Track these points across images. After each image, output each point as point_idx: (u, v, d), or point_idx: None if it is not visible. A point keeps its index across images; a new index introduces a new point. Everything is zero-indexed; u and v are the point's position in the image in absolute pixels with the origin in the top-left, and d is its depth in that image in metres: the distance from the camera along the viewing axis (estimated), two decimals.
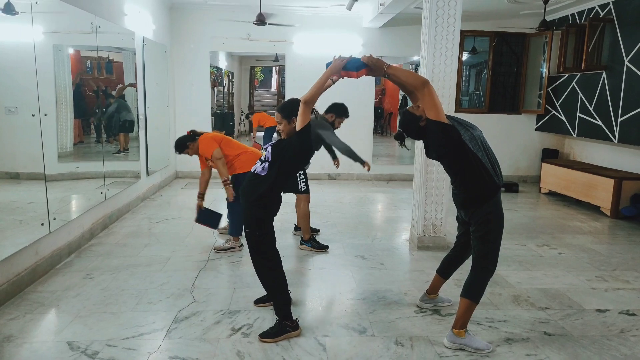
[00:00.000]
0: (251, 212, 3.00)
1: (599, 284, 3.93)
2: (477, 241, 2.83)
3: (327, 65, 3.05)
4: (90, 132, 5.41)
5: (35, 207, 3.96)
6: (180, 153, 4.50)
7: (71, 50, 4.98)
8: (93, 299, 3.49)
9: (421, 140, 2.90)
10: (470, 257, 2.96)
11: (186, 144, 4.46)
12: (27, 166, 3.99)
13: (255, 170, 3.01)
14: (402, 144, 2.86)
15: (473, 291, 2.82)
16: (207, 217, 4.69)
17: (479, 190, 2.75)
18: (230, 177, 4.44)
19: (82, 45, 5.03)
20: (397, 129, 2.91)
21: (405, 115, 2.82)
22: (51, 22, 4.33)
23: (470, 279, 2.84)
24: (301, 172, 4.60)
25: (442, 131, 2.67)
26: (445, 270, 3.31)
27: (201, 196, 4.58)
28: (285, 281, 3.05)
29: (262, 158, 3.02)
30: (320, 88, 2.88)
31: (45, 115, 3.97)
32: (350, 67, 2.95)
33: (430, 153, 2.90)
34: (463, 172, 2.75)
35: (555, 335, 3.05)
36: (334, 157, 4.98)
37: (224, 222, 4.93)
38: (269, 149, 2.99)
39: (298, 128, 2.86)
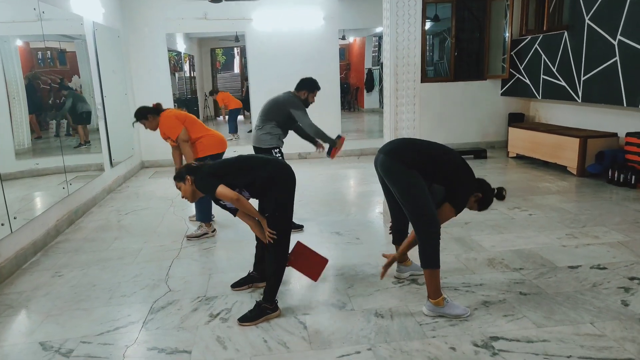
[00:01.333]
0: (266, 196, 2.91)
1: (570, 242, 4.01)
2: (407, 209, 2.86)
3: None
4: (48, 127, 5.18)
5: (1, 208, 3.79)
6: (137, 121, 4.35)
7: (20, 42, 4.73)
8: (64, 296, 3.37)
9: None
10: None
11: (146, 115, 4.32)
12: None
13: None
14: None
15: (426, 259, 2.83)
16: None
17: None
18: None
19: (27, 35, 4.77)
20: None
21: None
22: None
23: (420, 248, 2.86)
24: (277, 150, 4.46)
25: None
26: (398, 239, 3.33)
27: None
28: (285, 265, 2.99)
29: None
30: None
31: None
32: None
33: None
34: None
35: (530, 294, 3.10)
36: (314, 142, 4.75)
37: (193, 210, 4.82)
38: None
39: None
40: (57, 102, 5.49)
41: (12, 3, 4.37)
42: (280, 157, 4.47)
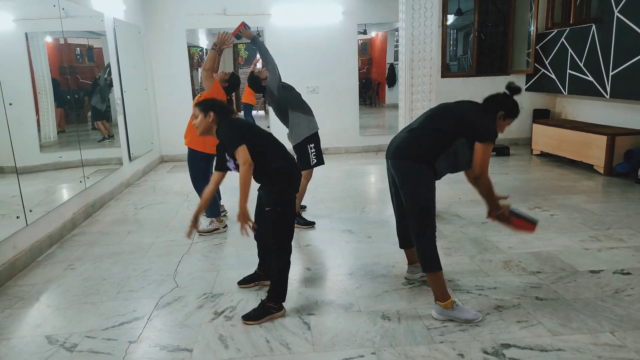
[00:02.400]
0: (267, 190, 2.86)
1: (593, 244, 3.84)
2: (407, 207, 2.76)
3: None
4: (73, 121, 5.24)
5: (19, 201, 3.85)
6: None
7: (49, 39, 4.81)
8: (74, 290, 3.39)
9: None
10: None
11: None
12: (10, 160, 3.85)
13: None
14: None
15: (425, 263, 2.74)
16: None
17: (426, 150, 2.76)
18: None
19: (51, 31, 4.82)
20: None
21: None
22: (11, 8, 4.14)
23: (418, 253, 2.76)
24: (312, 145, 4.39)
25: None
26: (404, 242, 3.23)
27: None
28: (289, 264, 2.93)
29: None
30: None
31: (10, 104, 3.79)
32: None
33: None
34: (436, 134, 2.79)
35: (547, 299, 2.97)
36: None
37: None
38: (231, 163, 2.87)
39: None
40: (83, 96, 5.56)
41: (36, 0, 4.44)
42: (315, 152, 4.41)
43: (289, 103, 4.36)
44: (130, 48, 6.90)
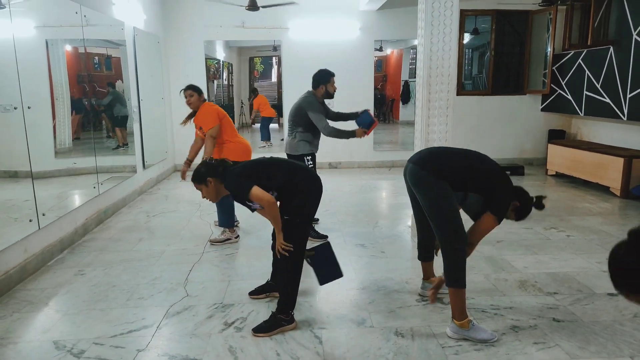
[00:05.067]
0: (291, 201, 2.84)
1: None
2: (433, 221, 2.72)
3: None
4: (89, 128, 5.28)
5: (31, 205, 3.87)
6: (184, 91, 4.48)
7: (69, 48, 4.88)
8: (83, 295, 3.37)
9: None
10: None
11: (198, 91, 4.45)
12: (24, 165, 3.88)
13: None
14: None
15: (452, 277, 2.68)
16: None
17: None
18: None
19: (73, 38, 4.89)
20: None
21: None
22: (38, 14, 4.21)
23: (445, 265, 2.71)
24: (309, 157, 4.39)
25: None
26: (424, 254, 3.18)
27: (188, 162, 4.53)
28: (300, 275, 2.89)
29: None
30: None
31: (29, 108, 3.83)
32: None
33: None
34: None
35: (564, 321, 2.89)
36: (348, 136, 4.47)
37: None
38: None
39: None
40: (100, 104, 5.62)
41: (58, 7, 4.50)
42: (312, 165, 4.41)
43: (307, 123, 4.33)
44: (149, 57, 6.97)
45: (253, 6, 6.45)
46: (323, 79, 4.36)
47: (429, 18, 4.28)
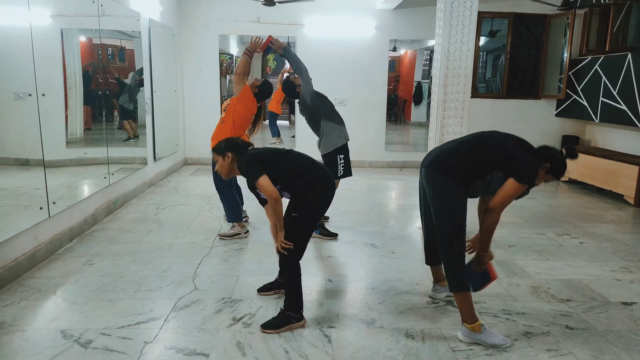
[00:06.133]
0: (300, 199, 2.81)
1: (624, 275, 3.69)
2: (435, 220, 2.69)
3: None
4: (100, 120, 5.28)
5: (42, 193, 3.87)
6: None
7: (82, 38, 4.87)
8: (91, 285, 3.36)
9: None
10: None
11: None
12: (36, 152, 3.88)
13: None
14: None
15: (455, 282, 2.65)
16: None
17: (459, 168, 2.69)
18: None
19: (88, 28, 4.89)
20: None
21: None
22: (54, 2, 4.20)
23: (446, 271, 2.68)
24: (342, 155, 4.38)
25: None
26: (431, 259, 3.13)
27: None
28: (300, 272, 2.87)
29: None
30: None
31: (43, 95, 3.82)
32: None
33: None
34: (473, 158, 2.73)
35: (577, 329, 2.84)
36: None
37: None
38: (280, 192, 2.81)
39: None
40: (112, 96, 5.62)
41: None
42: (343, 163, 4.40)
43: (322, 112, 4.34)
44: (163, 49, 6.97)
45: (270, 1, 6.41)
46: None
47: (447, 18, 4.23)
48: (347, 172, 4.46)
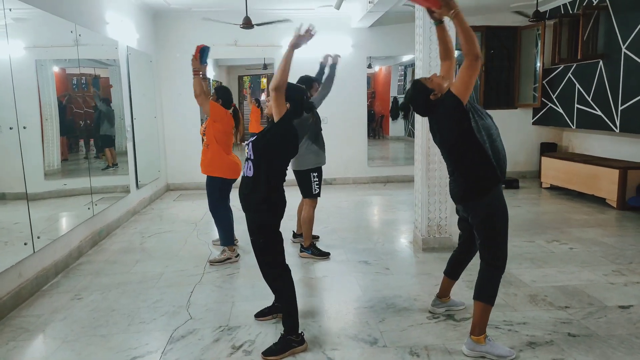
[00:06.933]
0: (253, 217, 2.78)
1: (617, 279, 3.73)
2: (481, 238, 2.64)
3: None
4: (78, 150, 5.17)
5: (22, 228, 3.73)
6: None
7: (56, 69, 4.78)
8: (81, 321, 3.24)
9: (424, 126, 2.71)
10: (478, 254, 2.75)
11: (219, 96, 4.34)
12: (13, 186, 3.76)
13: (244, 173, 2.81)
14: (406, 115, 2.73)
15: (485, 293, 2.62)
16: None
17: (477, 181, 2.59)
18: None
19: (64, 58, 4.81)
20: (404, 99, 2.75)
21: (415, 85, 2.67)
22: (29, 34, 4.12)
23: (480, 280, 2.65)
24: (315, 174, 4.34)
25: (455, 109, 2.48)
26: (452, 271, 3.09)
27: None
28: (294, 289, 2.82)
29: (246, 156, 2.82)
30: (286, 69, 2.72)
31: (24, 128, 3.73)
32: None
33: (435, 134, 2.71)
34: (462, 161, 2.59)
35: (580, 336, 2.84)
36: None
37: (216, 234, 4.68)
38: (250, 145, 2.78)
39: (276, 118, 2.70)
40: (88, 124, 5.50)
41: (51, 26, 4.42)
42: (318, 182, 4.36)
43: (311, 131, 4.31)
44: (142, 76, 6.90)
45: (248, 24, 6.43)
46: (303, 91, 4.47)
47: (427, 33, 4.30)
48: (319, 193, 4.44)
